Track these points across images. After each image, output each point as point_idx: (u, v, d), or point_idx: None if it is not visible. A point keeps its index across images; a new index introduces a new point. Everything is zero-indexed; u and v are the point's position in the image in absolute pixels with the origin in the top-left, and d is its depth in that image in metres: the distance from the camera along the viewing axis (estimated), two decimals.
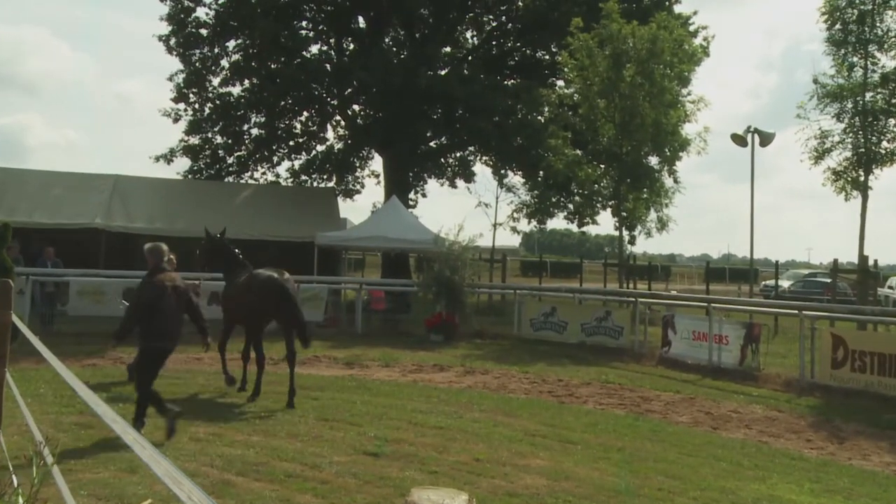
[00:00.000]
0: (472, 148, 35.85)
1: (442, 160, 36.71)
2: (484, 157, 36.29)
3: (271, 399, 10.49)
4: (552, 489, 6.94)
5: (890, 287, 37.98)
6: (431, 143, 35.53)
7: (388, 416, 9.72)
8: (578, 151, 27.09)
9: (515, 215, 34.32)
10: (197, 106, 33.96)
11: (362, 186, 38.23)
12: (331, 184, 35.86)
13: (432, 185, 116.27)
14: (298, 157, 36.19)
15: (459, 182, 36.95)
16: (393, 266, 31.45)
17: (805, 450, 9.41)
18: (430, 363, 15.27)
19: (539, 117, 31.32)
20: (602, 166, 26.77)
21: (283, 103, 34.09)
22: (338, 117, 35.95)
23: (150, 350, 8.16)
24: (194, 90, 33.66)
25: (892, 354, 12.57)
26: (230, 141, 34.54)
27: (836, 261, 22.28)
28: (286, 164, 36.86)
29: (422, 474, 7.13)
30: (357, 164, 37.27)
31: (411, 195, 36.04)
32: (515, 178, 35.36)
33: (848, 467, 8.61)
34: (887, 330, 16.52)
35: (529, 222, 35.43)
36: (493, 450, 8.28)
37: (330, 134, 36.87)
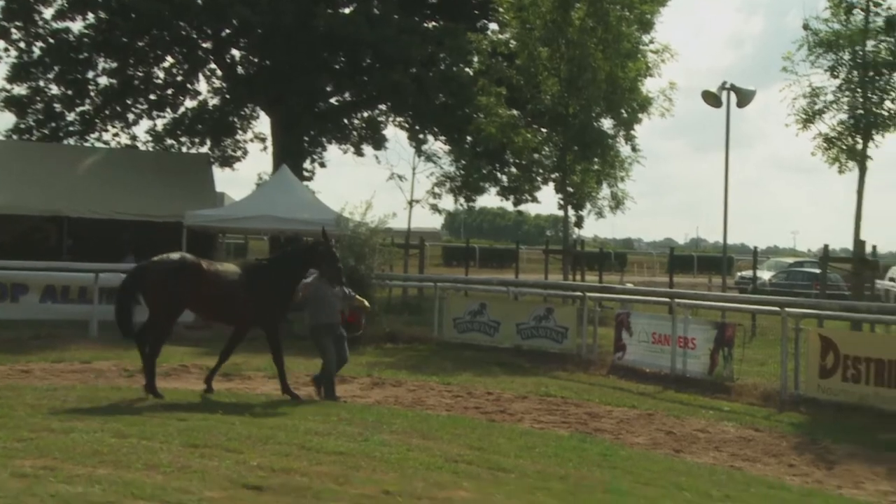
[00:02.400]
0: (382, 106, 35.72)
1: (345, 121, 36.47)
2: (398, 119, 36.21)
3: (125, 421, 10.25)
4: None
5: (891, 279, 39.45)
6: (332, 100, 35.25)
7: (275, 439, 9.58)
8: (515, 112, 27.27)
9: (437, 191, 34.43)
10: (23, 45, 32.88)
11: (244, 153, 37.74)
12: (204, 149, 35.27)
13: (333, 152, 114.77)
14: (161, 114, 35.52)
15: (367, 149, 36.83)
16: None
17: (787, 477, 9.67)
18: None
19: (467, 69, 31.37)
20: (544, 130, 26.98)
21: (139, 45, 33.30)
22: (212, 65, 35.30)
23: None
24: (18, 24, 32.52)
25: (892, 361, 13.01)
26: (70, 92, 33.65)
27: (826, 247, 22.99)
28: (145, 123, 36.19)
29: None
30: (238, 125, 36.74)
31: (307, 165, 35.75)
32: (437, 145, 35.44)
33: (837, 498, 8.88)
34: (887, 331, 17.10)
35: (455, 199, 35.61)
36: (407, 480, 8.22)
37: (202, 86, 36.41)
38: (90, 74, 33.97)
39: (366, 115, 36.60)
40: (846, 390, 13.46)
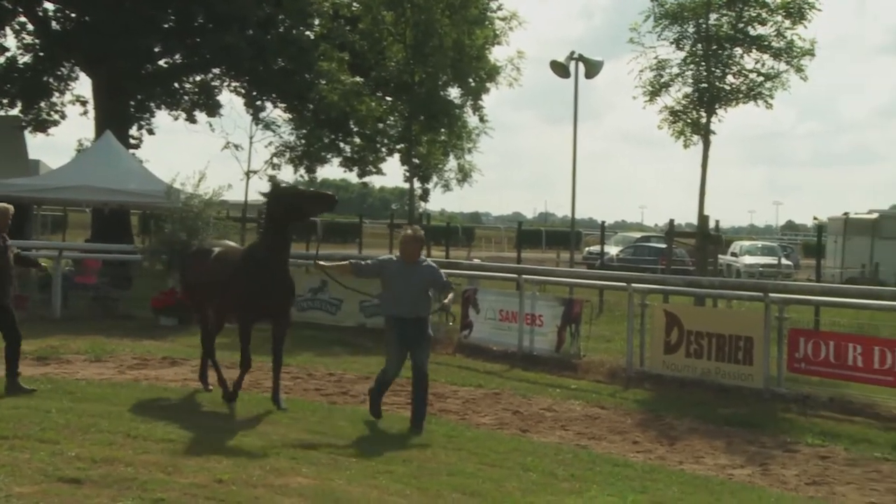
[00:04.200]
0: (216, 70, 34.99)
1: (176, 85, 35.59)
2: (233, 84, 35.58)
3: None
4: None
5: (734, 254, 41.38)
6: (161, 62, 34.30)
7: (97, 428, 9.35)
8: (359, 79, 27.16)
9: (276, 161, 34.12)
10: None
11: (62, 117, 36.30)
12: (14, 112, 33.74)
13: (163, 118, 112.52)
14: None
15: (200, 116, 36.11)
16: (107, 226, 30.15)
17: (631, 454, 10.01)
18: (158, 355, 14.94)
19: (307, 32, 31.11)
20: (389, 99, 27.00)
21: None
22: (21, 18, 33.67)
23: None
24: None
25: (733, 336, 13.61)
26: None
27: (671, 222, 23.84)
28: None
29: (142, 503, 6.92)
30: (54, 87, 35.22)
31: (133, 131, 34.83)
32: (276, 113, 35.05)
33: (679, 473, 9.25)
34: (728, 305, 17.88)
35: (295, 170, 35.30)
36: (242, 467, 8.17)
37: (10, 41, 34.48)
38: None
39: (198, 79, 35.79)
40: (689, 365, 14.02)
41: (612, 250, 39.45)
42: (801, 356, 13.12)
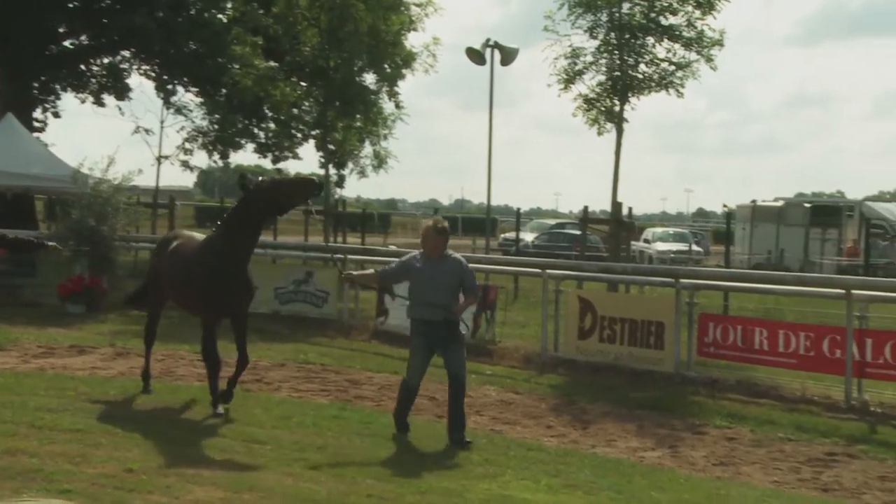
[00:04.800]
0: (125, 53, 34.24)
1: (82, 67, 34.72)
2: (143, 67, 34.85)
3: None
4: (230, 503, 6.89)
5: (646, 240, 42.06)
6: (66, 43, 33.42)
7: None
8: (273, 64, 26.91)
9: (188, 146, 33.57)
10: None
11: None
12: None
13: (69, 101, 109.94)
14: None
15: (108, 99, 35.26)
16: (10, 211, 29.39)
17: (544, 438, 10.15)
18: (65, 343, 14.70)
19: (220, 15, 30.66)
20: (304, 84, 26.81)
21: None
22: None
23: None
24: None
25: (645, 321, 13.86)
26: None
27: (586, 209, 24.10)
28: None
29: (47, 494, 6.80)
30: None
31: (38, 114, 33.89)
32: (188, 97, 34.51)
33: (591, 456, 9.40)
34: (641, 291, 18.20)
35: (208, 156, 34.84)
36: (153, 457, 8.12)
37: None
38: None
39: (106, 61, 34.97)
40: (602, 350, 14.22)
41: (528, 237, 39.76)
42: (711, 340, 13.40)
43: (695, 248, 41.39)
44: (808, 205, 39.79)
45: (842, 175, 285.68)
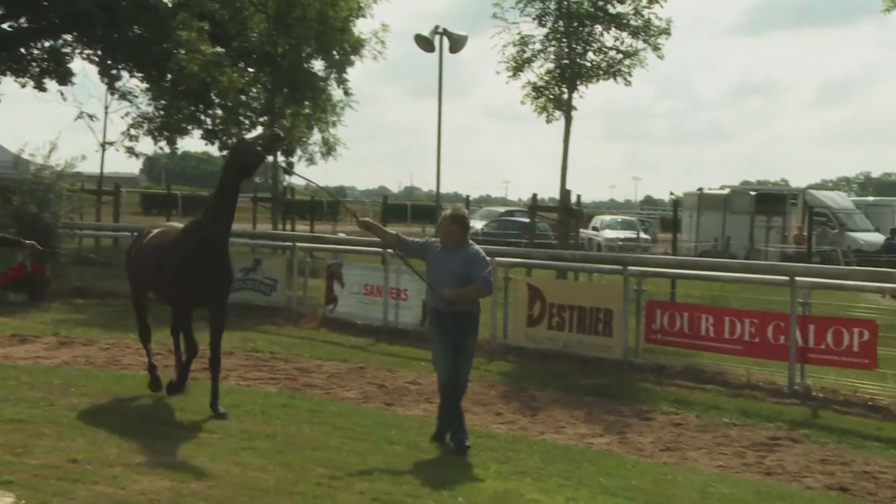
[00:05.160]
0: (67, 37, 33.72)
1: (22, 51, 34.10)
2: (86, 51, 34.35)
3: None
4: (177, 493, 6.87)
5: (594, 228, 42.37)
6: (5, 26, 32.80)
7: None
8: (220, 49, 26.69)
9: (133, 132, 33.16)
10: None
11: None
12: None
13: (9, 85, 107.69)
14: None
15: (50, 83, 34.71)
16: None
17: (494, 425, 10.20)
18: (6, 333, 14.55)
19: (165, 0, 30.26)
20: (251, 70, 26.63)
21: None
22: None
23: None
24: None
25: (593, 308, 13.96)
26: None
27: (535, 196, 24.20)
28: None
29: None
30: None
31: None
32: (133, 82, 34.08)
33: (540, 443, 9.47)
34: (589, 279, 18.31)
35: (154, 142, 34.47)
36: (98, 447, 8.04)
37: None
38: None
39: (47, 45, 34.41)
40: (551, 338, 14.31)
41: (477, 224, 39.80)
42: (658, 327, 13.54)
43: (643, 235, 41.78)
44: (753, 193, 40.25)
45: (786, 163, 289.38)
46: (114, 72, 33.14)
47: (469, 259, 9.05)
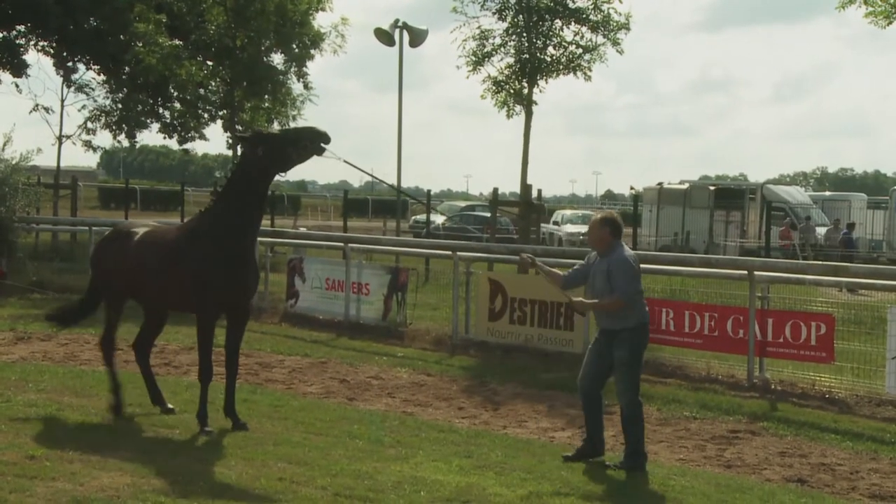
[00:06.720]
0: (21, 28, 33.30)
1: None
2: (41, 42, 33.97)
3: None
4: (137, 489, 6.84)
5: (555, 222, 42.53)
6: None
7: None
8: (178, 42, 26.48)
9: (91, 125, 32.87)
10: None
11: None
12: None
13: None
14: None
15: (4, 75, 34.31)
16: None
17: (456, 420, 10.23)
18: None
19: None
20: (210, 64, 26.45)
21: None
22: None
23: None
24: None
25: (554, 302, 14.02)
26: None
27: (496, 191, 24.29)
28: None
29: None
30: None
31: None
32: (89, 75, 33.76)
33: (502, 437, 9.51)
34: None
35: (112, 136, 34.18)
36: (56, 443, 7.98)
37: None
38: None
39: (0, 35, 34.00)
40: (513, 332, 14.37)
41: (439, 219, 39.86)
42: None
43: None
44: (712, 188, 40.62)
45: (744, 158, 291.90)
46: (70, 64, 32.84)
47: (610, 268, 8.33)
